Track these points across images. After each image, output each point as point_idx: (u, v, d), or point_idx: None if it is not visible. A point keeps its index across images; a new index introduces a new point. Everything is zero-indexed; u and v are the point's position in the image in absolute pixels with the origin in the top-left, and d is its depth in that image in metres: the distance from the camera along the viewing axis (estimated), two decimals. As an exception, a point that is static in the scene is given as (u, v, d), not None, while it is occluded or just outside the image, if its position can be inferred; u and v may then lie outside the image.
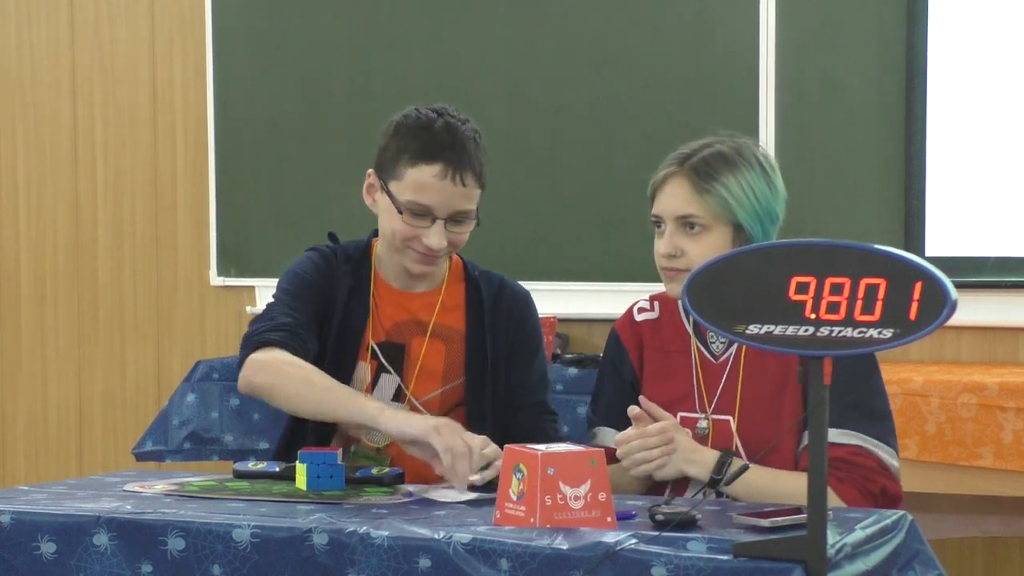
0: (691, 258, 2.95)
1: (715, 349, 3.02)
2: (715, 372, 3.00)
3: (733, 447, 2.94)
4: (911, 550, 2.53)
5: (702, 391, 3.00)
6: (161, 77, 5.95)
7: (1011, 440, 4.19)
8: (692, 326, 3.04)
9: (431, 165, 3.06)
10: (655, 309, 3.12)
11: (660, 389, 3.04)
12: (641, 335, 3.11)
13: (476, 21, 5.48)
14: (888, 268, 2.26)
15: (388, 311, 3.18)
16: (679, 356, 3.05)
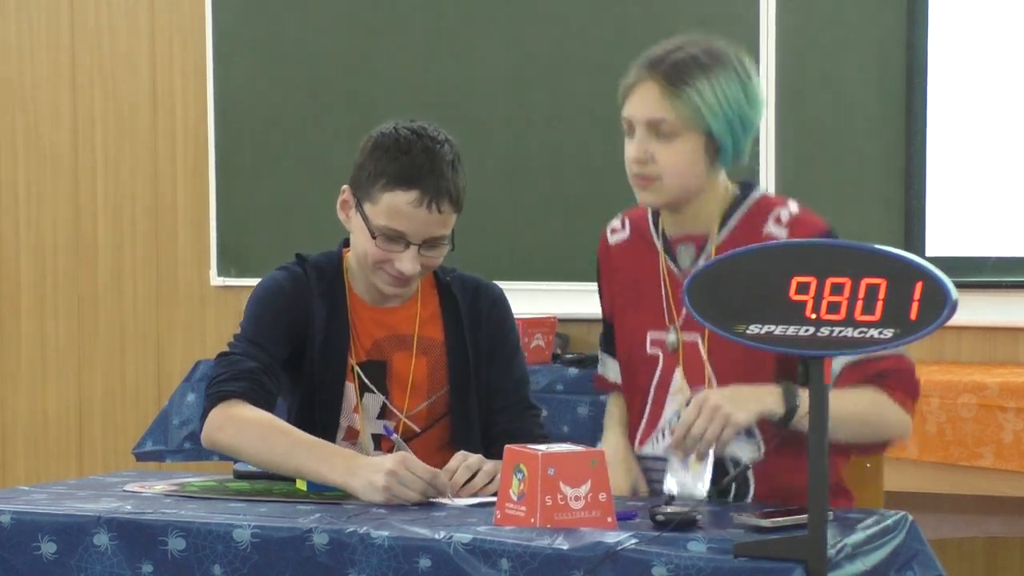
0: (661, 164, 2.88)
1: (684, 264, 2.96)
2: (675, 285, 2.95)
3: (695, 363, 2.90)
4: (911, 550, 2.53)
5: (671, 307, 2.95)
6: (161, 77, 5.95)
7: (1011, 440, 4.19)
8: (661, 241, 2.99)
9: (407, 192, 3.00)
10: (625, 228, 3.09)
11: (632, 316, 3.01)
12: (612, 261, 3.08)
13: (476, 22, 5.48)
14: (888, 268, 2.26)
15: (366, 329, 3.14)
16: (649, 276, 3.00)
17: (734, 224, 2.93)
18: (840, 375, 2.83)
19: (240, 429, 2.97)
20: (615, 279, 3.07)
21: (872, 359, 2.80)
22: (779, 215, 2.91)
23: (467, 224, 5.27)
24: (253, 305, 3.16)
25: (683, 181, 2.89)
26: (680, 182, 2.89)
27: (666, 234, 2.99)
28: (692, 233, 2.95)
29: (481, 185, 5.36)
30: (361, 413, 3.13)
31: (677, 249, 2.98)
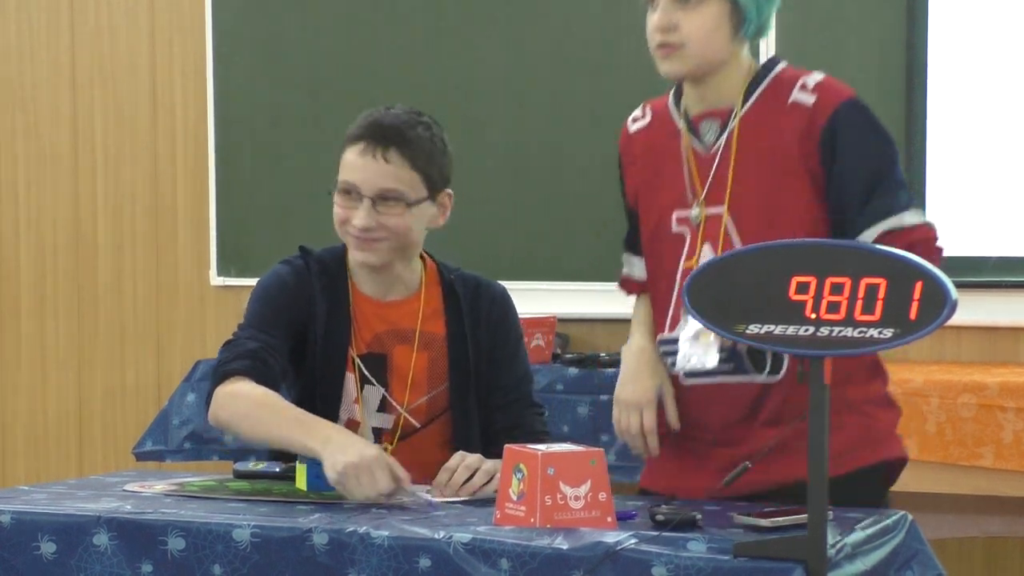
0: (685, 32, 2.88)
1: (707, 140, 2.95)
2: (706, 163, 2.95)
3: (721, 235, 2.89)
4: (911, 550, 2.53)
5: (694, 183, 2.94)
6: (161, 77, 5.95)
7: (1011, 440, 4.19)
8: (683, 119, 2.99)
9: (357, 144, 3.09)
10: (646, 115, 3.08)
11: (656, 198, 3.00)
12: (634, 148, 3.08)
13: (476, 21, 5.48)
14: (888, 268, 2.26)
15: (368, 323, 3.16)
16: (671, 156, 2.99)
17: (758, 96, 2.93)
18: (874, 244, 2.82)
19: (237, 404, 3.00)
20: (637, 167, 3.07)
21: (904, 229, 2.82)
22: (805, 82, 2.90)
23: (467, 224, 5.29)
24: (256, 299, 3.19)
25: (706, 48, 2.89)
26: (703, 49, 2.89)
27: (688, 113, 2.98)
28: (716, 108, 2.94)
29: (481, 185, 5.37)
30: (361, 405, 3.14)
31: (700, 126, 2.96)
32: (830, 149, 2.85)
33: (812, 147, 2.86)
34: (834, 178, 2.86)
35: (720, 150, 2.92)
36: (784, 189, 2.88)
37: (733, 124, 2.92)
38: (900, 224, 2.84)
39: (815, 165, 2.87)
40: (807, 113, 2.87)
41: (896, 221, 2.85)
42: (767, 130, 2.89)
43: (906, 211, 2.86)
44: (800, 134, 2.86)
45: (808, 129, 2.86)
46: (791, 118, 2.88)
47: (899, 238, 2.82)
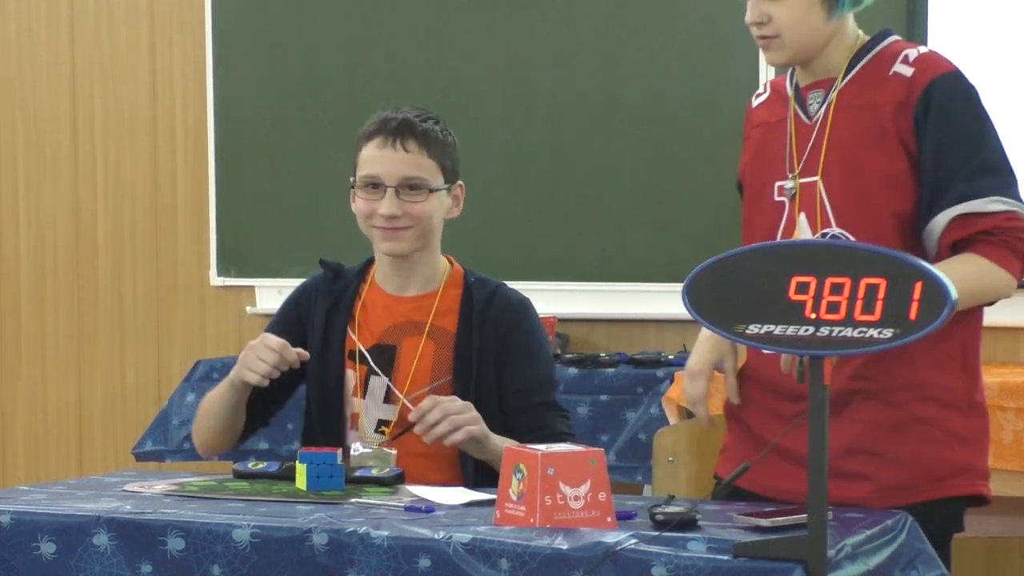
0: (777, 23, 2.88)
1: (811, 110, 2.94)
2: (808, 133, 2.94)
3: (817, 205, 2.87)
4: (913, 550, 2.53)
5: (793, 153, 2.93)
6: (161, 77, 5.95)
7: (1011, 440, 4.19)
8: (793, 90, 2.98)
9: (374, 139, 3.22)
10: (767, 90, 3.08)
11: (762, 168, 2.99)
12: (753, 119, 3.07)
13: (476, 21, 5.48)
14: (888, 268, 2.26)
15: (380, 316, 3.24)
16: (781, 127, 2.98)
17: (861, 68, 2.91)
18: (946, 228, 2.80)
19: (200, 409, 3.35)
20: (752, 137, 3.06)
21: (981, 215, 2.78)
22: (907, 54, 2.88)
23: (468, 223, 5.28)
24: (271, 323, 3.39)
25: (801, 36, 2.88)
26: (799, 37, 2.88)
27: (800, 84, 2.97)
28: (821, 79, 2.94)
29: (482, 185, 5.36)
30: (360, 397, 3.20)
31: (808, 97, 2.96)
32: (923, 124, 2.83)
33: (907, 121, 2.84)
34: (924, 155, 2.83)
35: (820, 120, 2.92)
36: (878, 162, 2.85)
37: (832, 95, 2.91)
38: (979, 209, 2.79)
39: (910, 140, 2.84)
40: (905, 84, 2.85)
41: (974, 206, 2.79)
42: (866, 101, 2.87)
43: (991, 196, 2.80)
44: (897, 106, 2.84)
45: (905, 101, 2.84)
46: (890, 90, 2.86)
47: (974, 224, 2.79)
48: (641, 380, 4.71)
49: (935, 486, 2.84)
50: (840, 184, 2.87)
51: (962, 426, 2.86)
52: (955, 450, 2.85)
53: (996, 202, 2.80)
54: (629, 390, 4.73)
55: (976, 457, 2.89)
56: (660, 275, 5.19)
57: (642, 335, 5.34)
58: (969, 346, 2.90)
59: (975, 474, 2.89)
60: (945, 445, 2.84)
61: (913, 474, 2.82)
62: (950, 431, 2.84)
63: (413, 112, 3.23)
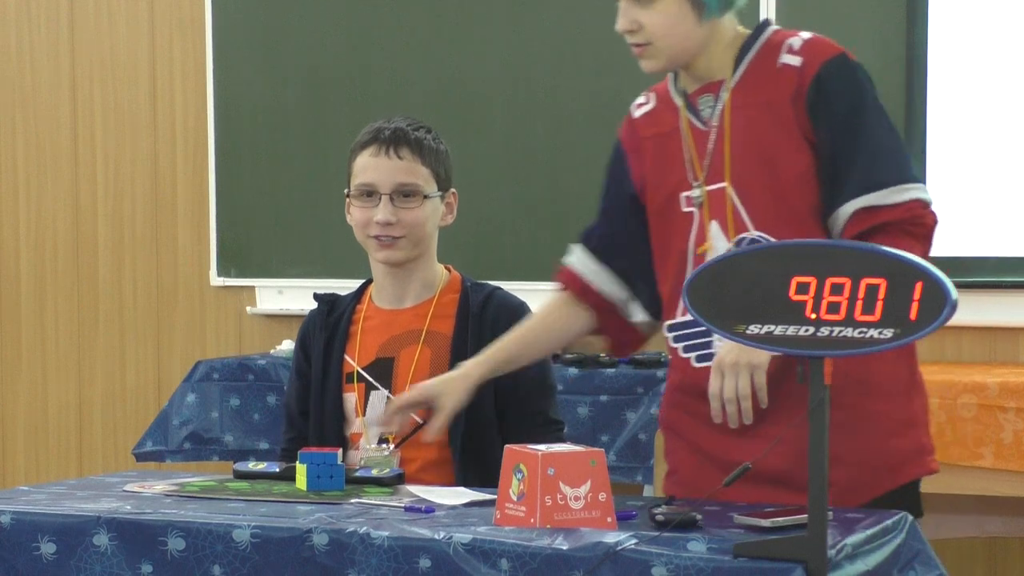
0: (649, 30, 2.87)
1: (705, 115, 2.91)
2: (705, 139, 2.90)
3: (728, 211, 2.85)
4: (912, 550, 2.53)
5: (695, 161, 2.91)
6: (161, 77, 5.95)
7: (1011, 440, 4.19)
8: (681, 97, 2.95)
9: (368, 148, 3.24)
10: (650, 100, 3.04)
11: (665, 178, 2.95)
12: (638, 131, 3.03)
13: (476, 21, 5.48)
14: (888, 268, 2.26)
15: (378, 332, 3.27)
16: (677, 136, 2.95)
17: (746, 65, 2.89)
18: (849, 221, 2.78)
19: None
20: (644, 151, 3.01)
21: (883, 207, 2.76)
22: (791, 44, 2.87)
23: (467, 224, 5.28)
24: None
25: (674, 41, 2.86)
26: (671, 43, 2.86)
27: (686, 91, 2.95)
28: (709, 82, 2.91)
29: (481, 185, 5.37)
30: (361, 416, 3.21)
31: (698, 103, 2.93)
32: (816, 112, 2.81)
33: (803, 111, 2.82)
34: (820, 144, 2.82)
35: (716, 125, 2.89)
36: (786, 159, 2.83)
37: (724, 97, 2.89)
38: (879, 202, 2.77)
39: (810, 131, 2.82)
40: (796, 74, 2.83)
41: (874, 199, 2.78)
42: (760, 99, 2.85)
43: (891, 187, 2.78)
44: (792, 99, 2.82)
45: (798, 92, 2.82)
46: (782, 83, 2.84)
47: (876, 217, 2.77)
48: (641, 380, 4.71)
49: (893, 476, 2.86)
50: (752, 187, 2.85)
51: (908, 410, 2.88)
52: (906, 436, 2.88)
53: (896, 192, 2.78)
54: (629, 390, 4.73)
55: (923, 435, 2.92)
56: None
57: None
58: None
59: (925, 452, 2.91)
60: (896, 434, 2.85)
61: (872, 470, 2.83)
62: (899, 420, 2.86)
63: (405, 121, 3.25)
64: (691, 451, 2.94)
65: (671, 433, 3.00)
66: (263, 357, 5.22)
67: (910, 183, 2.80)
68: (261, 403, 5.07)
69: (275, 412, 4.95)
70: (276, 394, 5.01)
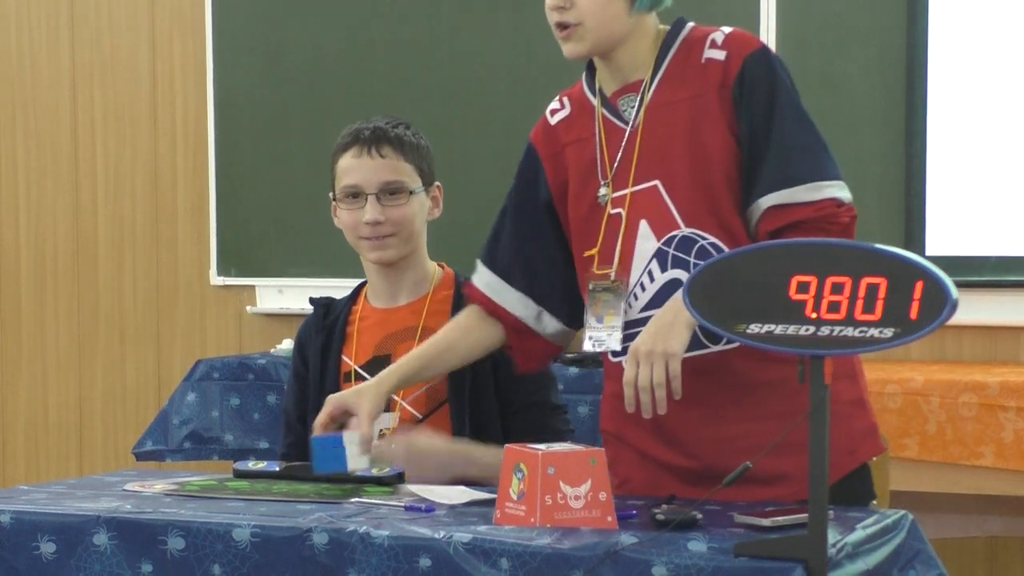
0: (580, 9, 2.84)
1: (627, 116, 2.90)
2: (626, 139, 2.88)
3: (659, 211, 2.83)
4: (912, 549, 2.52)
5: (604, 162, 2.89)
6: (161, 77, 5.95)
7: (1012, 440, 4.19)
8: (598, 97, 2.94)
9: (350, 150, 3.25)
10: (566, 106, 3.02)
11: (588, 183, 2.93)
12: (558, 137, 3.00)
13: (476, 21, 5.48)
14: (889, 267, 2.26)
15: (374, 330, 3.27)
16: (593, 140, 2.93)
17: (668, 62, 2.88)
18: (762, 217, 2.78)
19: None
20: (565, 156, 2.98)
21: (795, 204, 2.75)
22: (714, 39, 2.86)
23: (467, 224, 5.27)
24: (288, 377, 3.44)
25: (602, 24, 2.84)
26: (600, 25, 2.84)
27: (605, 92, 2.93)
28: (630, 82, 2.90)
29: (481, 185, 5.37)
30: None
31: (619, 104, 2.92)
32: (739, 105, 2.80)
33: (728, 103, 2.81)
34: (740, 137, 2.81)
35: (640, 124, 2.88)
36: (711, 153, 2.82)
37: (648, 96, 2.88)
38: (791, 200, 2.76)
39: (733, 124, 2.81)
40: (721, 68, 2.82)
41: (787, 196, 2.77)
42: (685, 94, 2.84)
43: (803, 184, 2.77)
44: (717, 91, 2.81)
45: (723, 84, 2.81)
46: (707, 77, 2.83)
47: (789, 215, 2.76)
48: (641, 380, 4.70)
49: (850, 458, 2.86)
50: (682, 184, 2.83)
51: (854, 391, 2.88)
52: (856, 417, 2.88)
53: (809, 190, 2.77)
54: (629, 390, 4.72)
55: (870, 415, 2.93)
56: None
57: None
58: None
59: (874, 432, 2.93)
60: (850, 416, 2.85)
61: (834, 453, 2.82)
62: (849, 400, 2.86)
63: (384, 120, 3.27)
64: (639, 458, 2.92)
65: (616, 441, 2.95)
66: (263, 356, 5.22)
67: (825, 180, 2.79)
68: (261, 402, 5.07)
69: (275, 411, 4.95)
70: (276, 393, 5.01)
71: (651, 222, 2.86)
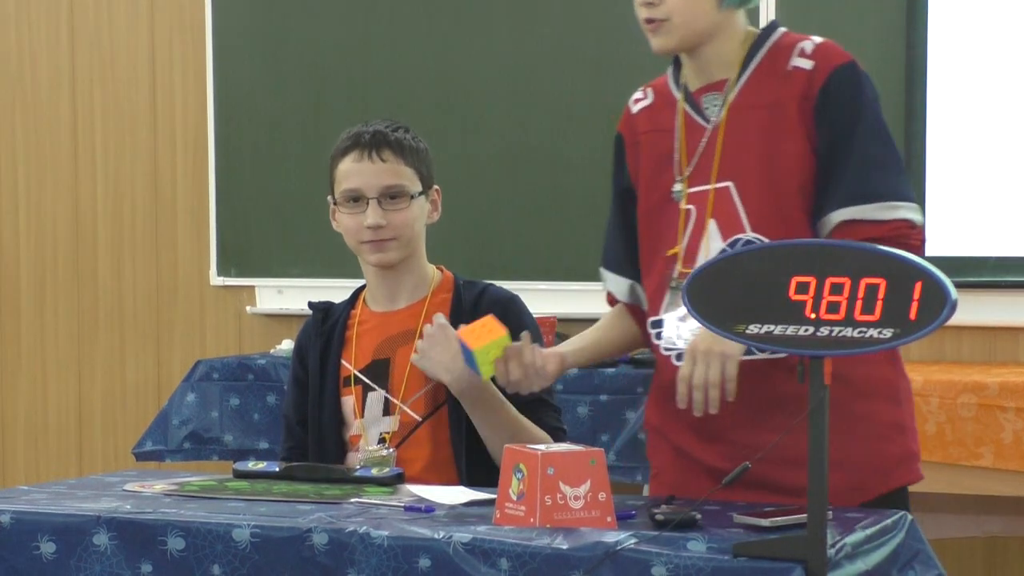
0: (669, 5, 2.85)
1: (711, 114, 2.91)
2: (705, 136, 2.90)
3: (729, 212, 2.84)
4: (911, 550, 2.53)
5: (682, 157, 2.91)
6: (161, 77, 5.95)
7: (1011, 440, 4.19)
8: (681, 91, 2.96)
9: (350, 154, 3.25)
10: (648, 96, 3.04)
11: (661, 175, 2.95)
12: (638, 127, 3.03)
13: (476, 21, 5.48)
14: (888, 268, 2.26)
15: (373, 334, 3.27)
16: (671, 134, 2.95)
17: (756, 65, 2.89)
18: (835, 230, 2.78)
19: None
20: (642, 145, 3.01)
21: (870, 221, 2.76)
22: (803, 48, 2.86)
23: (467, 224, 5.27)
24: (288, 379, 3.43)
25: (691, 19, 2.86)
26: (688, 21, 2.86)
27: (689, 88, 2.94)
28: (715, 80, 2.91)
29: (481, 185, 5.37)
30: (360, 418, 3.22)
31: (702, 101, 2.93)
32: (821, 118, 2.81)
33: (809, 114, 2.82)
34: (819, 148, 2.82)
35: (720, 123, 2.89)
36: (786, 162, 2.83)
37: (731, 96, 2.89)
38: (867, 216, 2.78)
39: (813, 135, 2.82)
40: (806, 78, 2.83)
41: (862, 212, 2.78)
42: (768, 99, 2.85)
43: (880, 203, 2.79)
44: (800, 102, 2.82)
45: (806, 95, 2.82)
46: (791, 85, 2.84)
47: (862, 231, 2.76)
48: (641, 380, 4.71)
49: (883, 481, 2.86)
50: (754, 188, 2.84)
51: (896, 415, 2.88)
52: (894, 441, 2.87)
53: (883, 209, 2.78)
54: (629, 390, 4.73)
55: (912, 442, 2.92)
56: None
57: (642, 335, 5.34)
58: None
59: (914, 459, 2.92)
60: (885, 438, 2.85)
61: (861, 474, 2.82)
62: (886, 423, 2.86)
63: (384, 124, 3.26)
64: (675, 453, 2.94)
65: (655, 433, 3.00)
66: (263, 357, 5.22)
67: (900, 201, 2.80)
68: (261, 403, 5.07)
69: (275, 412, 4.95)
70: (276, 394, 5.01)
71: (720, 223, 2.87)
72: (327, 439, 3.23)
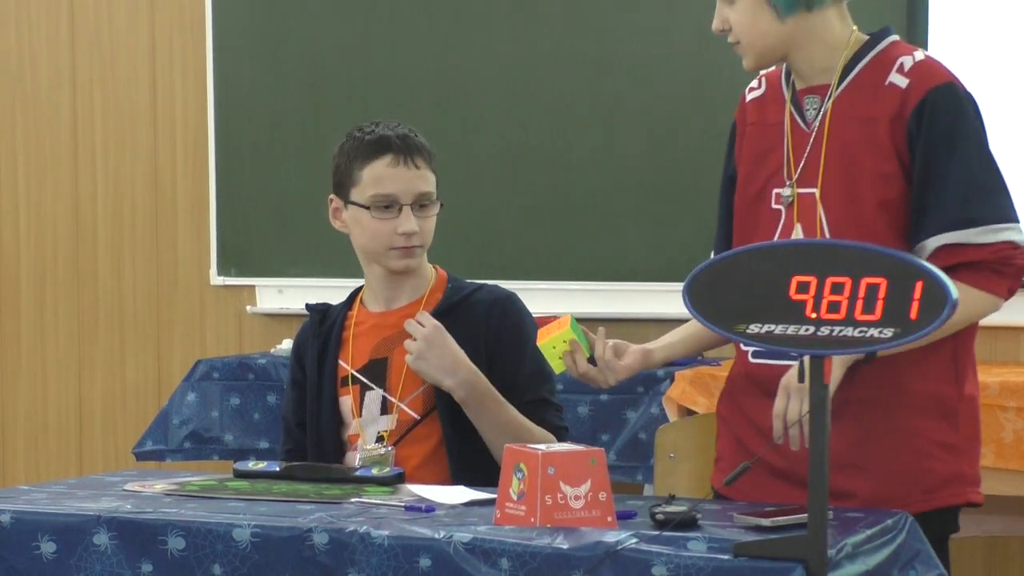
0: (736, 29, 2.87)
1: (809, 116, 2.90)
2: (805, 141, 2.89)
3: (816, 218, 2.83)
4: (912, 549, 2.53)
5: (791, 161, 2.89)
6: (161, 77, 5.95)
7: (1012, 440, 4.19)
8: (790, 92, 2.94)
9: (383, 157, 3.20)
10: (762, 85, 3.02)
11: (760, 168, 2.93)
12: (748, 116, 3.01)
13: (476, 21, 5.48)
14: (889, 267, 2.26)
15: (370, 334, 3.27)
16: (777, 129, 2.93)
17: (855, 75, 2.86)
18: (934, 254, 2.75)
19: None
20: (747, 136, 3.00)
21: (971, 245, 2.74)
22: (903, 63, 2.83)
23: (469, 224, 5.26)
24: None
25: (755, 38, 2.86)
26: (753, 39, 2.86)
27: (795, 87, 2.93)
28: (816, 84, 2.89)
29: (483, 184, 5.37)
30: (358, 417, 3.23)
31: (804, 102, 2.91)
32: (916, 138, 2.78)
33: (901, 135, 2.79)
34: (915, 171, 2.79)
35: (816, 128, 2.87)
36: (869, 181, 2.80)
37: (827, 104, 2.87)
38: (968, 240, 2.75)
39: (905, 155, 2.79)
40: (900, 96, 2.80)
41: (963, 236, 2.75)
42: (862, 113, 2.82)
43: (981, 227, 2.76)
44: (892, 121, 2.79)
45: (899, 115, 2.79)
46: (885, 102, 2.81)
47: (962, 255, 2.75)
48: (641, 380, 4.71)
49: (924, 498, 2.83)
50: (837, 201, 2.83)
51: (950, 436, 2.84)
52: (944, 461, 2.83)
53: (986, 232, 2.76)
54: (629, 389, 4.73)
55: (966, 466, 2.87)
56: (660, 275, 5.19)
57: (642, 335, 5.34)
58: (961, 356, 2.87)
59: (965, 482, 2.88)
60: (933, 456, 2.82)
61: (901, 486, 2.80)
62: (937, 441, 2.82)
63: (404, 127, 3.25)
64: (735, 442, 2.97)
65: (722, 421, 3.02)
66: (263, 356, 5.22)
67: (1003, 223, 2.78)
68: (261, 402, 5.07)
69: (275, 411, 4.95)
70: (276, 393, 5.01)
71: (804, 227, 2.87)
72: (326, 439, 3.23)
